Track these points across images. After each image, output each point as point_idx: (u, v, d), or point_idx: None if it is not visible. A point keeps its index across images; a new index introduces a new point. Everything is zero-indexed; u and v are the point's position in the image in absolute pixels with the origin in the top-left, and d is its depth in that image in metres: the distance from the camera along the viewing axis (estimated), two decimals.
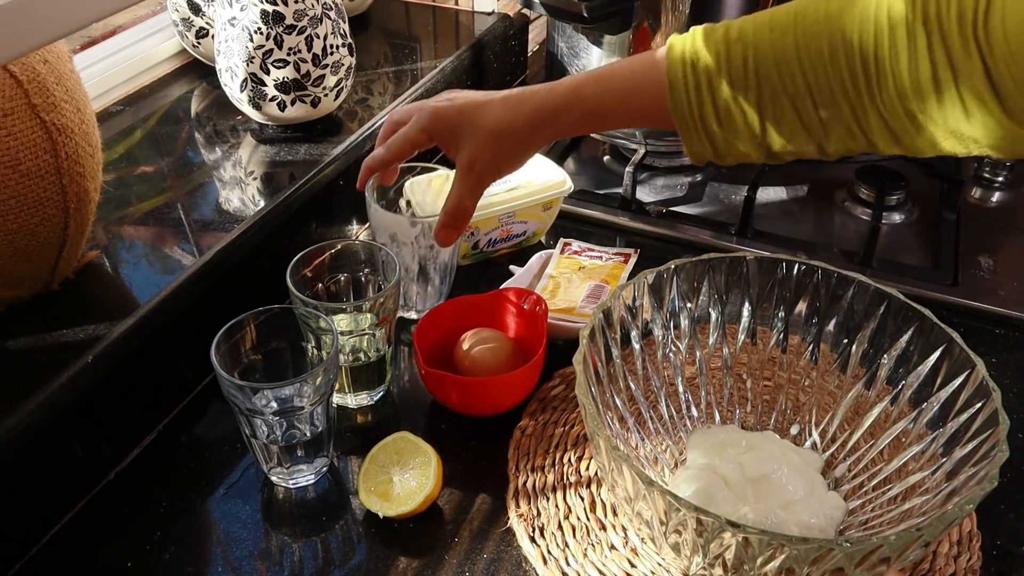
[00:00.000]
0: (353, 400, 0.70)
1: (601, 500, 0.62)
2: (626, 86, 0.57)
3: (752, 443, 0.64)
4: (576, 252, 0.84)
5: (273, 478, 0.63)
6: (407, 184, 0.78)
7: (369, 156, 0.66)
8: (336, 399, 0.69)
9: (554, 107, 0.59)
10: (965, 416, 0.55)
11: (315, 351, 0.64)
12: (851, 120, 0.50)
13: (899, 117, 0.48)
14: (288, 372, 0.65)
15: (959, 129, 0.47)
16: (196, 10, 0.93)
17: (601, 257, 0.84)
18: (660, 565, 0.58)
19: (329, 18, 0.83)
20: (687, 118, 0.54)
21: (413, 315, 0.79)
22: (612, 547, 0.59)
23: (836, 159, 0.54)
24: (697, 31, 0.54)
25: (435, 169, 0.78)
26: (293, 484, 0.63)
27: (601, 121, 0.61)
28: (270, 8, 0.80)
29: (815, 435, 0.66)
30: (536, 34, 1.29)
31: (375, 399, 0.71)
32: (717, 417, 0.68)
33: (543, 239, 0.90)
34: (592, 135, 1.04)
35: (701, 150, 0.56)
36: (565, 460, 0.65)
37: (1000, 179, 1.01)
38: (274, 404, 0.59)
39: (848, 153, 0.52)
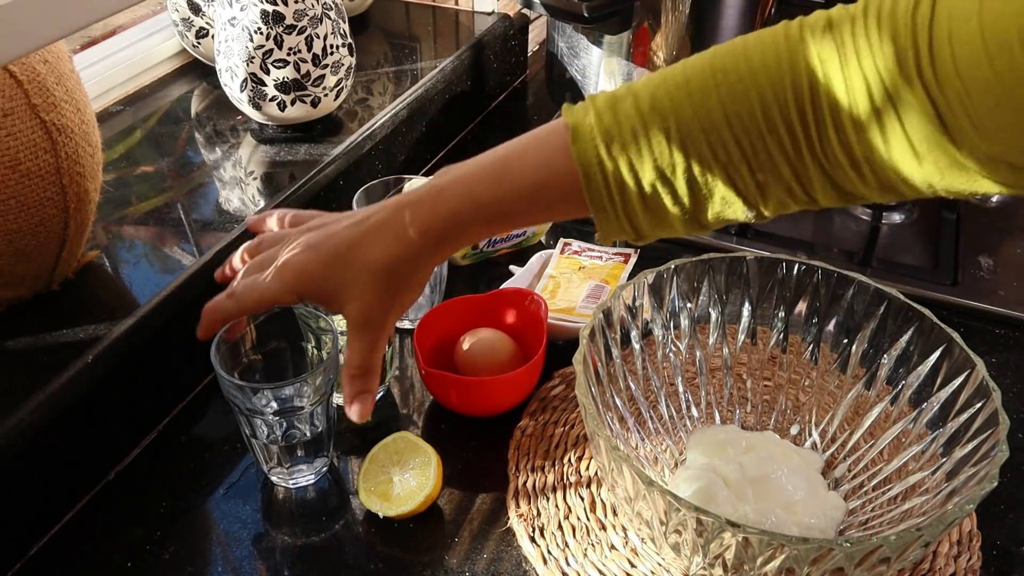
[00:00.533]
0: None
1: (601, 500, 0.62)
2: (529, 183, 0.49)
3: (752, 443, 0.64)
4: (576, 252, 0.84)
5: (273, 478, 0.63)
6: (405, 188, 0.79)
7: (214, 303, 0.55)
8: (336, 399, 0.69)
9: (444, 223, 0.50)
10: (965, 416, 0.55)
11: (315, 351, 0.64)
12: (792, 179, 0.45)
13: (843, 168, 0.44)
14: (288, 372, 0.65)
15: (910, 173, 0.42)
16: (196, 10, 0.93)
17: (601, 257, 0.84)
18: (660, 565, 0.58)
19: (329, 18, 0.83)
20: (607, 207, 0.47)
21: (407, 324, 0.79)
22: (612, 547, 0.59)
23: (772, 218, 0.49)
24: (596, 101, 0.47)
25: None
26: (293, 484, 0.63)
27: (506, 225, 0.52)
28: (270, 8, 0.80)
29: (815, 435, 0.66)
30: (536, 34, 1.29)
31: (375, 399, 0.71)
32: (717, 417, 0.68)
33: (543, 239, 0.90)
34: None
35: (620, 235, 0.49)
36: (565, 460, 0.65)
37: None
38: (274, 404, 0.59)
39: (784, 212, 0.48)
